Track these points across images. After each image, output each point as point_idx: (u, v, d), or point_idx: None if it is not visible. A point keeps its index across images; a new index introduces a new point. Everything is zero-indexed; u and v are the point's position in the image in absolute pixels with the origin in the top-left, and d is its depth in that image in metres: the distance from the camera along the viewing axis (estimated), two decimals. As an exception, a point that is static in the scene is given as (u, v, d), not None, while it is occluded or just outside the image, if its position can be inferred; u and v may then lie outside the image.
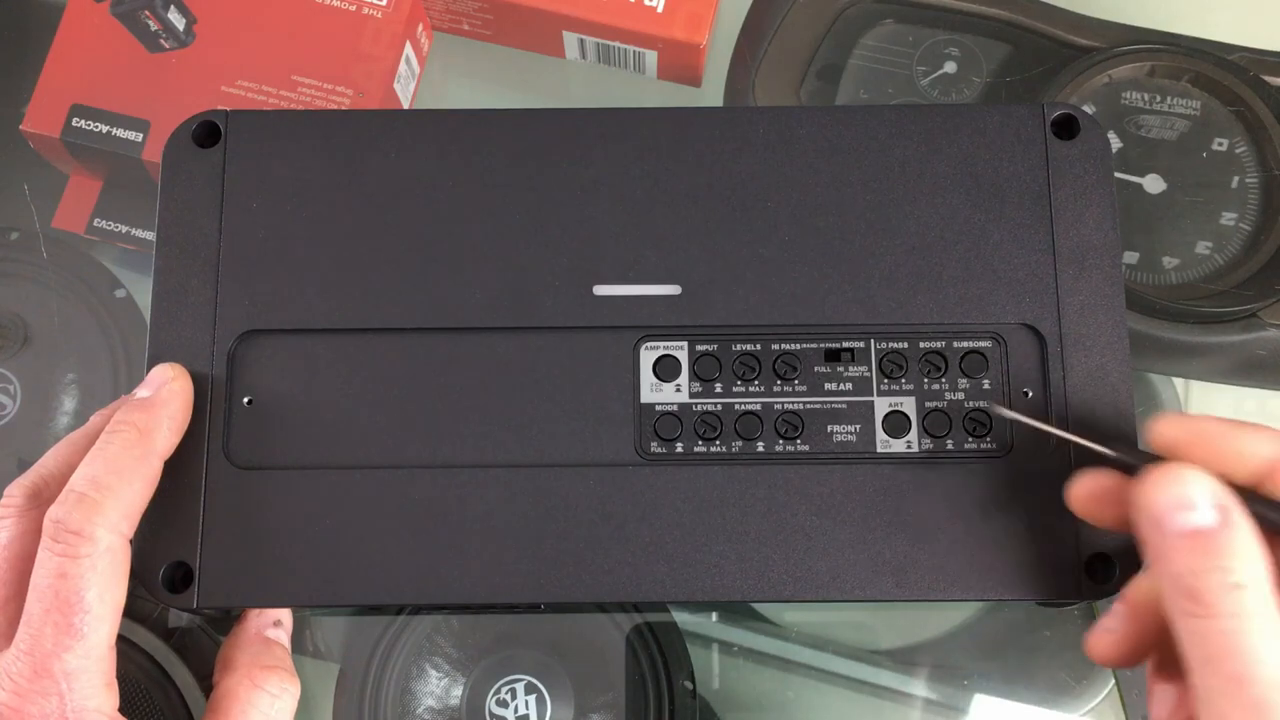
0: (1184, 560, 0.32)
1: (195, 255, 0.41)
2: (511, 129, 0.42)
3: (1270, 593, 0.32)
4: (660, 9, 0.55)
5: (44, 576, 0.34)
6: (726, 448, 0.40)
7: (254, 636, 0.39)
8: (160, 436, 0.38)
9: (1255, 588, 0.31)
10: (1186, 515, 0.32)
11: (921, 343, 0.41)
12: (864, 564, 0.38)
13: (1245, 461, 0.34)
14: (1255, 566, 0.32)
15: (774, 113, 0.42)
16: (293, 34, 0.54)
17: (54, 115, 0.53)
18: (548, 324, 0.40)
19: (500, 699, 0.49)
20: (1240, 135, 0.53)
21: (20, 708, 0.34)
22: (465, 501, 0.39)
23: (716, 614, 0.53)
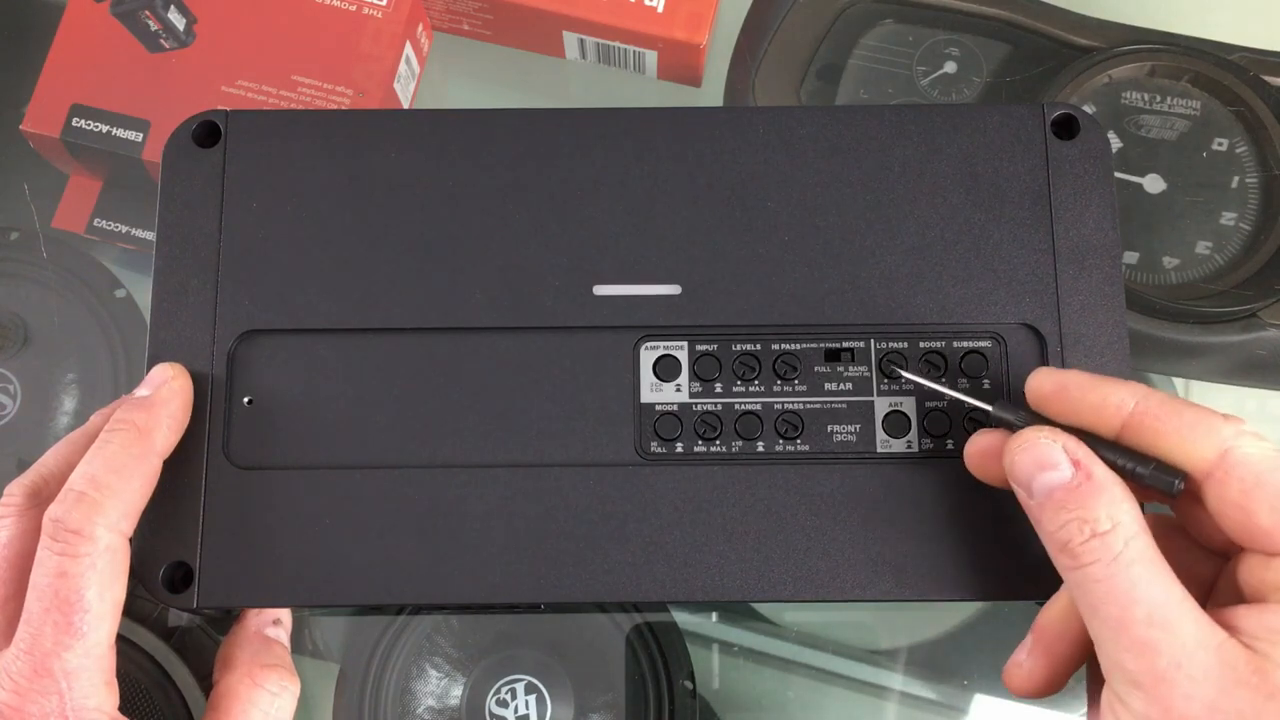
0: (1051, 517, 0.33)
1: (195, 255, 0.41)
2: (511, 129, 0.42)
3: (1138, 533, 0.32)
4: (660, 9, 0.55)
5: (44, 575, 0.34)
6: (726, 448, 0.40)
7: (253, 635, 0.39)
8: (160, 435, 0.38)
9: (1119, 531, 0.32)
10: (1046, 475, 0.34)
11: (921, 343, 0.41)
12: (864, 564, 0.38)
13: (1107, 412, 0.34)
14: (1116, 510, 0.33)
15: (774, 113, 0.42)
16: (293, 34, 0.54)
17: (54, 115, 0.53)
18: (548, 324, 0.40)
19: (500, 699, 0.49)
20: (1240, 135, 0.53)
21: (21, 707, 0.34)
22: (465, 501, 0.39)
23: (716, 614, 0.53)
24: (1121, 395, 0.34)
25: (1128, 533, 0.32)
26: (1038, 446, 0.34)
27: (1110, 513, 0.33)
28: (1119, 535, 0.32)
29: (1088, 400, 0.35)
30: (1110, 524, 0.32)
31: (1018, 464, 0.35)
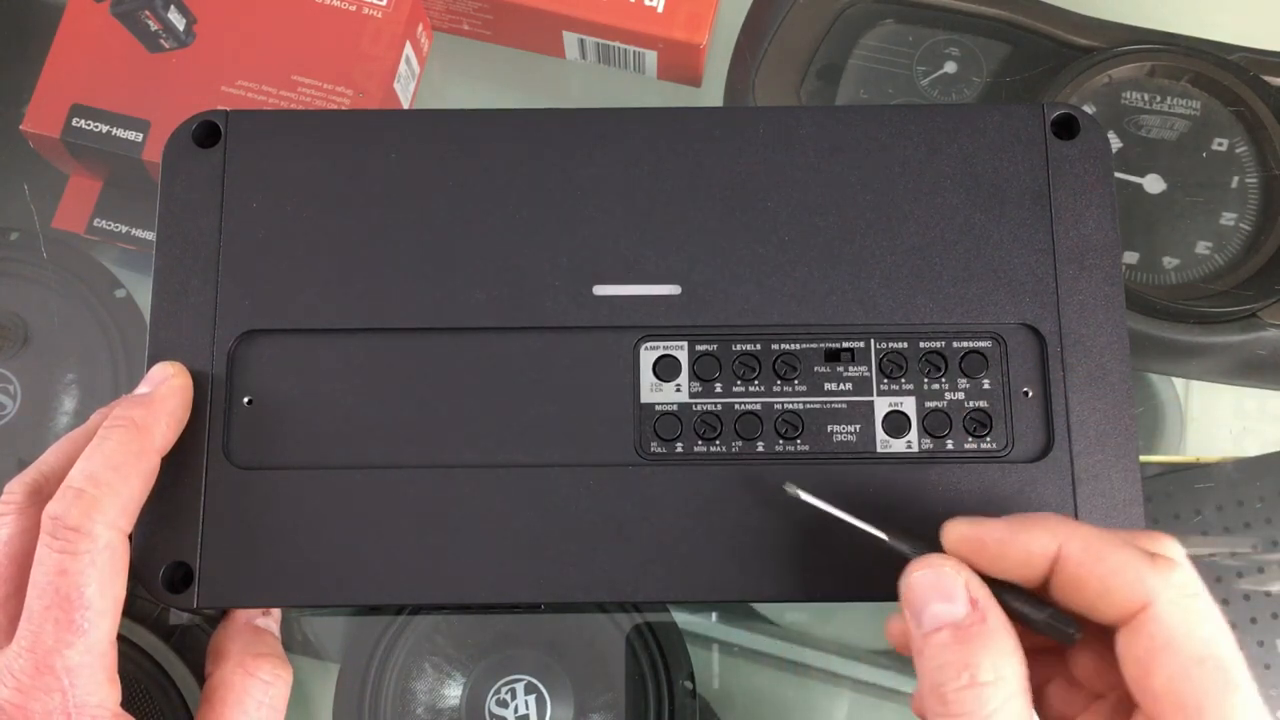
0: (934, 655, 0.31)
1: (195, 255, 0.41)
2: (511, 129, 0.42)
3: (1018, 692, 0.31)
4: (660, 9, 0.55)
5: (44, 573, 0.34)
6: (726, 448, 0.40)
7: (244, 626, 0.39)
8: (158, 432, 0.38)
9: (999, 687, 0.31)
10: (939, 607, 0.32)
11: (921, 343, 0.41)
12: (864, 564, 0.38)
13: (1033, 562, 0.32)
14: (1003, 664, 0.31)
15: (774, 113, 0.42)
16: (293, 34, 0.54)
17: (54, 115, 0.53)
18: (548, 324, 0.40)
19: (500, 699, 0.49)
20: (1240, 135, 0.53)
21: (23, 704, 0.34)
22: (465, 501, 0.39)
23: (716, 614, 0.53)
24: (1044, 541, 0.32)
25: (1008, 690, 0.31)
26: (940, 574, 0.33)
27: (996, 664, 0.31)
28: (998, 692, 0.30)
29: (1010, 555, 0.33)
30: (993, 676, 0.31)
31: (914, 588, 0.33)
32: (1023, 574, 0.33)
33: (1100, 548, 0.32)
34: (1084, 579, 0.32)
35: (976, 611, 0.32)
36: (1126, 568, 0.31)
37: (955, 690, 0.31)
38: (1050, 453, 0.39)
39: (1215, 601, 0.32)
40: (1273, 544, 0.51)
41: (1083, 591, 0.32)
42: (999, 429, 0.40)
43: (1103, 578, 0.31)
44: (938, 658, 0.31)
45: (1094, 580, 0.32)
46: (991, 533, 0.33)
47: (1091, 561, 0.32)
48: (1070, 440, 0.39)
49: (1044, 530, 0.33)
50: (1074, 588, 0.32)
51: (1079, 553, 0.32)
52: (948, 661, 0.31)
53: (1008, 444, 0.40)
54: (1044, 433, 0.40)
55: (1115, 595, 0.31)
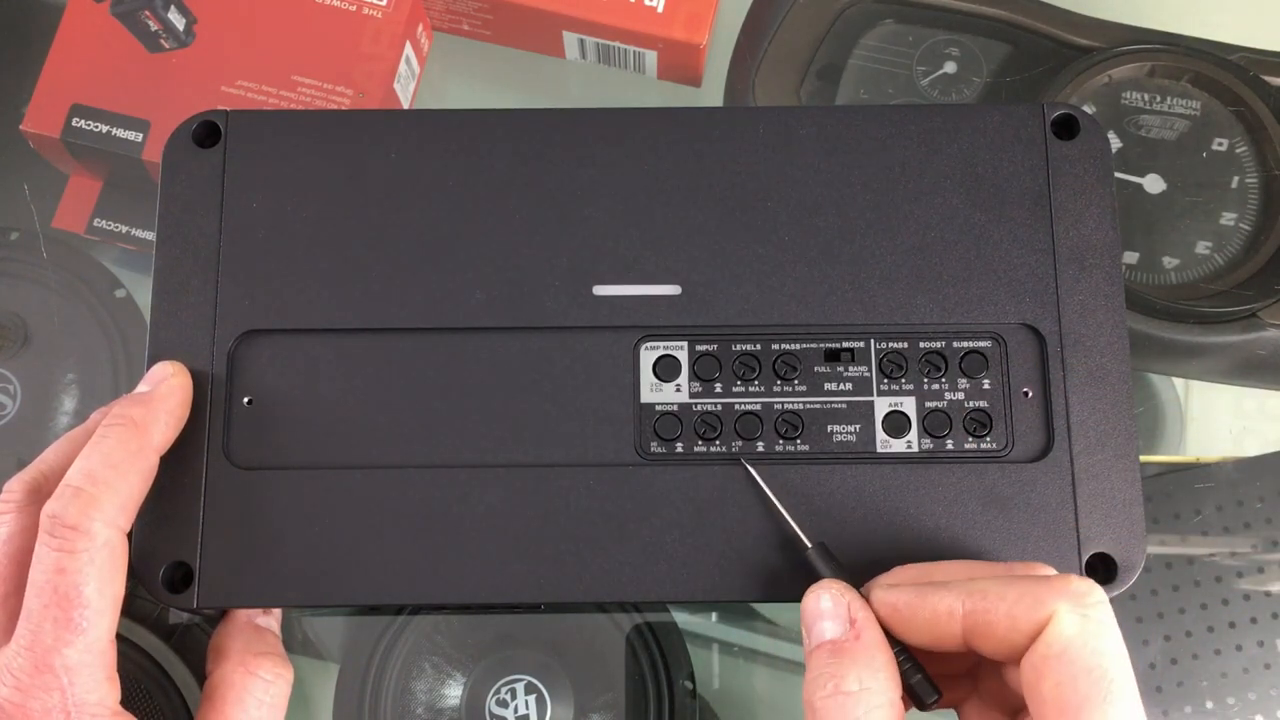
0: (812, 667, 0.33)
1: (195, 255, 0.41)
2: (511, 129, 0.42)
3: (884, 704, 0.32)
4: (660, 9, 0.55)
5: (42, 572, 0.34)
6: (726, 448, 0.40)
7: (244, 624, 0.39)
8: (157, 431, 0.37)
9: (864, 698, 0.32)
10: (822, 624, 0.34)
11: (921, 343, 0.41)
12: (863, 564, 0.38)
13: (941, 623, 0.33)
14: (870, 677, 0.32)
15: (774, 113, 0.42)
16: (293, 34, 0.54)
17: (54, 115, 0.53)
18: (548, 324, 0.40)
19: (500, 699, 0.49)
20: (1240, 135, 0.53)
21: (22, 703, 0.34)
22: (465, 501, 0.39)
23: (716, 614, 0.53)
24: (949, 602, 0.33)
25: (872, 702, 0.32)
26: (824, 597, 0.34)
27: (861, 676, 0.32)
28: (861, 702, 0.32)
29: (920, 618, 0.34)
30: (857, 687, 0.32)
31: (806, 608, 0.35)
32: (936, 634, 0.34)
33: (999, 588, 0.33)
34: (992, 621, 0.33)
35: (853, 630, 0.34)
36: (1026, 594, 0.33)
37: (822, 699, 0.32)
38: (1050, 453, 0.39)
39: (1216, 601, 0.33)
40: (1273, 544, 0.51)
41: (994, 632, 0.33)
42: (999, 429, 0.40)
43: (1007, 612, 0.32)
44: (814, 670, 0.33)
45: (1000, 618, 0.33)
46: (901, 596, 0.34)
47: (994, 603, 0.33)
48: (1070, 440, 0.39)
49: (947, 592, 0.34)
50: (986, 633, 0.33)
51: (980, 600, 0.33)
52: (821, 673, 0.33)
53: (1008, 444, 0.40)
54: (1044, 433, 0.40)
55: (1021, 621, 0.32)
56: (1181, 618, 0.50)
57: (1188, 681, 0.49)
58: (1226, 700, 0.49)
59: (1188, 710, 0.49)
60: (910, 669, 0.34)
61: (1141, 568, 0.38)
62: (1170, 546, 0.51)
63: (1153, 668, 0.49)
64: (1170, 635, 0.49)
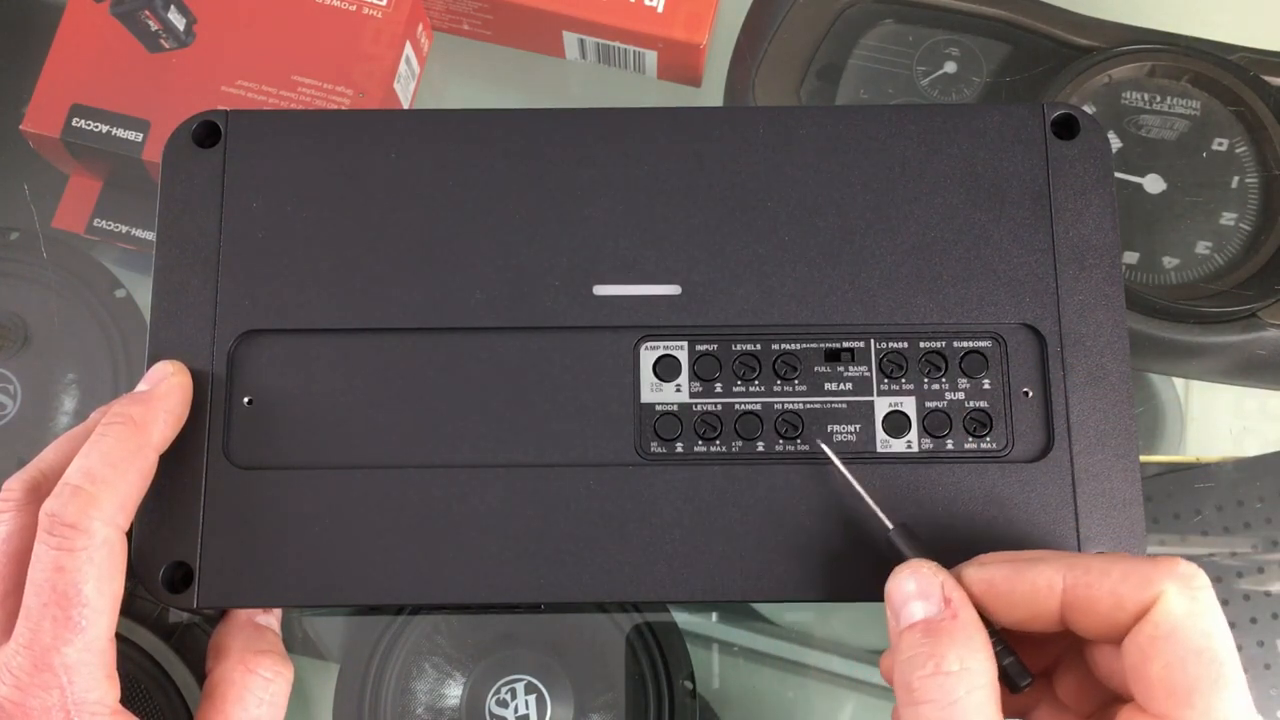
0: (906, 649, 0.33)
1: (195, 255, 0.41)
2: (511, 129, 0.42)
3: (984, 685, 0.32)
4: (660, 9, 0.55)
5: (41, 570, 0.34)
6: (726, 448, 0.40)
7: (245, 623, 0.39)
8: (156, 429, 0.37)
9: (964, 677, 0.32)
10: (915, 604, 0.33)
11: (921, 343, 0.41)
12: (864, 564, 0.38)
13: (1040, 597, 0.33)
14: (970, 657, 0.32)
15: (774, 113, 0.42)
16: (293, 34, 0.54)
17: (54, 115, 0.53)
18: (548, 324, 0.40)
19: (500, 699, 0.49)
20: (1240, 135, 0.53)
21: (22, 702, 0.34)
22: (465, 501, 0.39)
23: (716, 614, 0.53)
24: (1048, 575, 0.33)
25: (973, 682, 0.32)
26: (919, 576, 0.34)
27: (961, 656, 0.32)
28: (962, 682, 0.31)
29: (1018, 592, 0.33)
30: (958, 666, 0.32)
31: (895, 590, 0.34)
32: (1033, 610, 0.33)
33: (1102, 564, 0.33)
34: (1095, 597, 0.32)
35: (949, 609, 0.33)
36: (1132, 573, 0.32)
37: (921, 678, 0.32)
38: (1050, 453, 0.39)
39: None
40: (1273, 544, 0.51)
41: (1097, 609, 0.32)
42: (999, 429, 0.40)
43: (1112, 589, 0.32)
44: (909, 650, 0.33)
45: (1104, 595, 0.32)
46: (998, 572, 0.34)
47: (1097, 578, 0.32)
48: (1070, 440, 0.39)
49: (1045, 564, 0.33)
50: (1088, 609, 0.33)
51: (1083, 575, 0.33)
52: (917, 653, 0.32)
53: (1008, 444, 0.40)
54: (1044, 433, 0.40)
55: (1127, 599, 0.32)
56: (1181, 618, 0.50)
57: (1188, 681, 0.49)
58: (1226, 700, 0.49)
59: (1188, 710, 0.49)
60: (1002, 651, 0.34)
61: None
62: (1170, 546, 0.51)
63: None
64: (1170, 635, 0.49)
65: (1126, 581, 0.32)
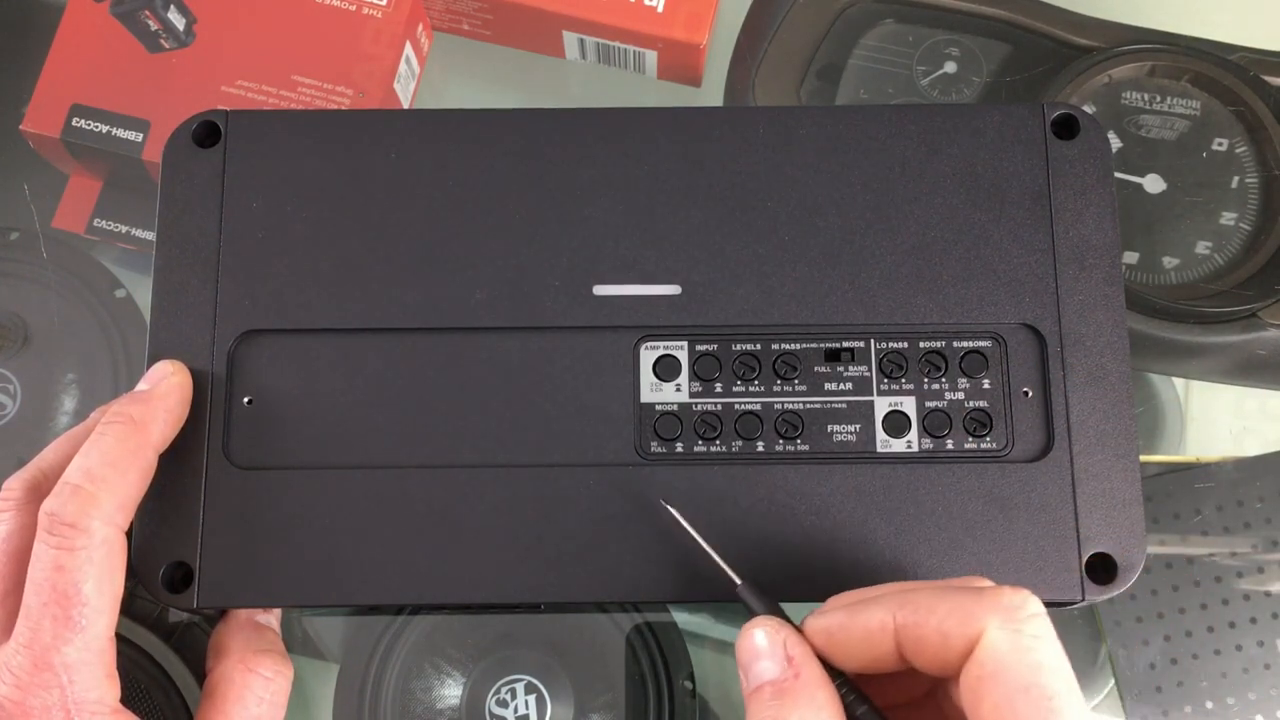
0: (754, 711, 0.32)
1: (195, 255, 0.41)
2: (511, 129, 0.42)
3: None
4: (660, 9, 0.55)
5: (41, 570, 0.34)
6: (726, 448, 0.40)
7: (245, 622, 0.39)
8: (156, 429, 0.37)
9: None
10: (760, 665, 0.33)
11: (921, 342, 0.41)
12: (863, 564, 0.38)
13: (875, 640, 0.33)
14: (814, 715, 0.32)
15: (774, 113, 0.42)
16: (293, 34, 0.54)
17: (54, 115, 0.53)
18: (548, 324, 0.40)
19: (500, 699, 0.49)
20: (1240, 135, 0.53)
21: (22, 701, 0.34)
22: (465, 501, 0.39)
23: (716, 614, 0.53)
24: (880, 617, 0.32)
25: None
26: (759, 636, 0.34)
27: (804, 717, 0.32)
28: None
29: (854, 638, 0.33)
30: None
31: (741, 649, 0.34)
32: (872, 654, 0.33)
33: (929, 601, 0.32)
34: (923, 636, 0.32)
35: (791, 668, 0.33)
36: (955, 609, 0.32)
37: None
38: (1050, 453, 0.39)
39: (1216, 601, 0.32)
40: (1273, 544, 0.51)
41: (927, 649, 0.32)
42: (999, 429, 0.40)
43: (937, 626, 0.31)
44: (755, 714, 0.32)
45: (931, 633, 0.32)
46: (833, 620, 0.33)
47: (924, 616, 0.32)
48: (1070, 440, 0.39)
49: (877, 606, 0.33)
50: (919, 649, 0.32)
51: (911, 614, 0.32)
52: (764, 717, 0.32)
53: (1008, 444, 0.40)
54: (1044, 432, 0.40)
55: (952, 636, 0.31)
56: (1181, 618, 0.50)
57: (1187, 681, 0.49)
58: (1226, 700, 0.49)
59: (1187, 710, 0.49)
60: (854, 700, 0.33)
61: (1141, 568, 0.38)
62: (1170, 546, 0.51)
63: (1152, 668, 0.49)
64: (1170, 635, 0.49)
65: (950, 618, 0.31)
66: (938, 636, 0.31)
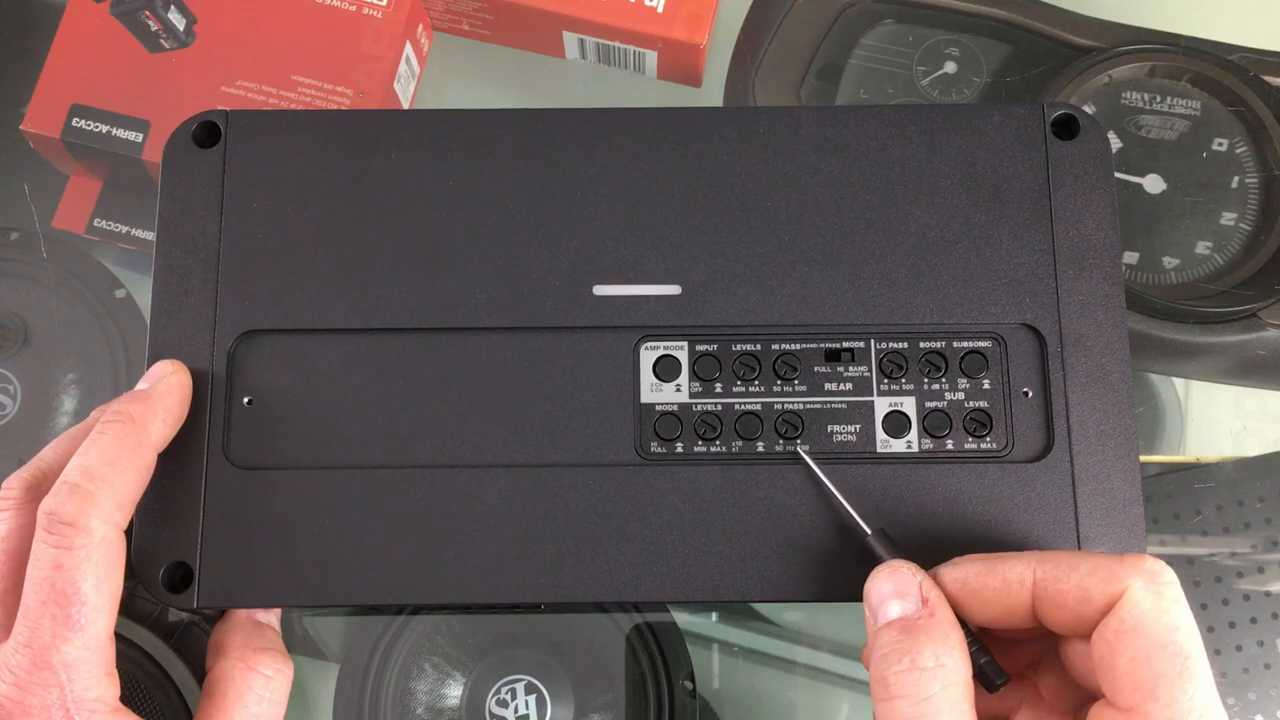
0: (883, 644, 0.33)
1: (195, 255, 0.41)
2: (511, 129, 0.42)
3: (958, 682, 0.32)
4: (660, 9, 0.55)
5: (40, 568, 0.34)
6: (726, 448, 0.40)
7: (244, 620, 0.39)
8: (155, 427, 0.37)
9: (939, 674, 0.32)
10: (894, 603, 0.34)
11: (921, 343, 0.41)
12: (863, 565, 0.38)
13: (1012, 591, 0.34)
14: (945, 654, 0.32)
15: (774, 113, 0.42)
16: (293, 34, 0.54)
17: (54, 115, 0.53)
18: (548, 324, 0.40)
19: (500, 699, 0.49)
20: (1240, 135, 0.53)
21: (21, 699, 0.34)
22: (465, 501, 0.39)
23: (716, 614, 0.53)
24: (1019, 570, 0.34)
25: (948, 679, 0.32)
26: (897, 577, 0.34)
27: (937, 652, 0.32)
28: (937, 678, 0.32)
29: (990, 588, 0.34)
30: (933, 663, 0.32)
31: (874, 590, 0.35)
32: (1006, 605, 0.34)
33: (1070, 559, 0.34)
34: (1062, 591, 0.33)
35: (926, 608, 0.34)
36: (1099, 567, 0.33)
37: (896, 673, 0.32)
38: (1050, 453, 0.39)
39: (1216, 601, 0.33)
40: (1273, 544, 0.51)
41: (1065, 602, 0.33)
42: (999, 429, 0.40)
43: (1079, 583, 0.33)
44: (885, 646, 0.33)
45: (1072, 589, 0.33)
46: (970, 569, 0.35)
47: (1065, 573, 0.33)
48: (1070, 440, 0.39)
49: (1016, 560, 0.34)
50: (1057, 603, 0.33)
51: (1052, 569, 0.33)
52: (893, 649, 0.33)
53: (1008, 444, 0.40)
54: (1044, 433, 0.40)
55: (1094, 593, 0.33)
56: (1181, 618, 0.50)
57: (1188, 681, 0.49)
58: (1227, 700, 0.49)
59: (1188, 710, 0.49)
60: (977, 651, 0.34)
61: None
62: (1170, 546, 0.51)
63: (1153, 668, 0.49)
64: (1170, 635, 0.49)
65: (1093, 576, 0.33)
66: (1079, 591, 0.33)
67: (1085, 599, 0.33)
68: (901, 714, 0.32)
